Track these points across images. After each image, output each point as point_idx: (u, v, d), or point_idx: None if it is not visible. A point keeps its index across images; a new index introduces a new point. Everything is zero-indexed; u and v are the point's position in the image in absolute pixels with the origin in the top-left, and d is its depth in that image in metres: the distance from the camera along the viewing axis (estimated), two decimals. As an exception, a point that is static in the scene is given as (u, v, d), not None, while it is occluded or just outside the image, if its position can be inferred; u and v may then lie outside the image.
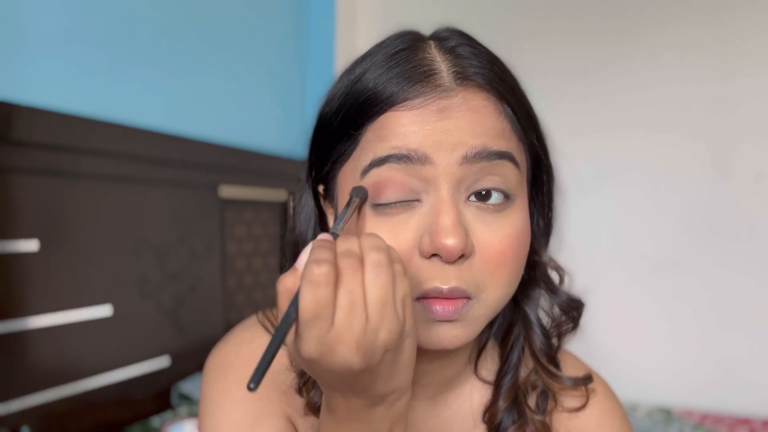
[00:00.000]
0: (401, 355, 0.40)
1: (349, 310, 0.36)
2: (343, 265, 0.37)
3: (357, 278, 0.37)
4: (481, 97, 0.48)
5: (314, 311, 0.36)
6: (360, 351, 0.36)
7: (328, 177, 0.54)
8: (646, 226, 1.88)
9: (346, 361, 0.37)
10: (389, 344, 0.37)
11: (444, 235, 0.44)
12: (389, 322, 0.37)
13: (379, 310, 0.37)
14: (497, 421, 0.57)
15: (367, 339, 0.37)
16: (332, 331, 0.36)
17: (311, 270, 0.36)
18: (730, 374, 1.78)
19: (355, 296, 0.37)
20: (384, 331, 0.37)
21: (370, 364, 0.37)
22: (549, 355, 0.58)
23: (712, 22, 1.79)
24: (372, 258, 0.38)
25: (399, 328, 0.38)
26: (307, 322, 0.36)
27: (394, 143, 0.47)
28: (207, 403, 0.56)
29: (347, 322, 0.36)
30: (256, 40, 1.89)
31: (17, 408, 1.08)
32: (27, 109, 1.10)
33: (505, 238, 0.48)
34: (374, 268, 0.37)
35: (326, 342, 0.37)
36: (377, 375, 0.39)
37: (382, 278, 0.37)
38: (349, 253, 0.38)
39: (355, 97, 0.49)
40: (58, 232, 1.17)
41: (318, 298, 0.36)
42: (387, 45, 0.51)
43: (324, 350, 0.37)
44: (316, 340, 0.37)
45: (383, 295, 0.37)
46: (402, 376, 0.41)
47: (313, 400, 0.55)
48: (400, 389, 0.41)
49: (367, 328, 0.37)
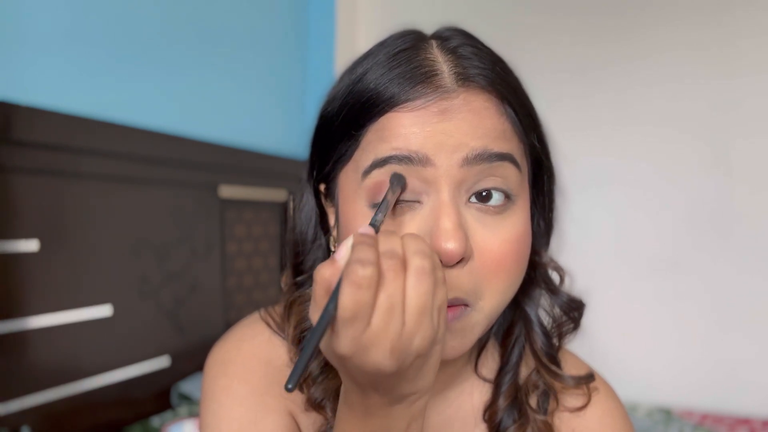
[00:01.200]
0: (430, 360, 0.40)
1: (388, 314, 0.36)
2: (385, 267, 0.36)
3: (399, 282, 0.36)
4: (483, 98, 0.48)
5: (354, 311, 0.35)
6: (394, 355, 0.36)
7: (329, 176, 0.54)
8: (646, 226, 1.88)
9: (378, 363, 0.37)
10: (422, 350, 0.37)
11: (444, 238, 0.44)
12: (425, 330, 0.37)
13: (417, 316, 0.36)
14: (497, 420, 0.57)
15: (401, 344, 0.36)
16: (368, 332, 0.36)
17: (355, 270, 0.35)
18: (730, 374, 1.78)
19: (394, 300, 0.36)
20: (419, 338, 0.37)
21: (401, 368, 0.37)
22: (550, 354, 0.58)
23: (712, 22, 1.79)
24: (416, 263, 0.37)
25: (433, 336, 0.38)
26: (345, 321, 0.36)
27: (395, 144, 0.46)
28: (208, 399, 0.56)
29: (384, 325, 0.36)
30: (256, 40, 1.89)
31: (17, 408, 1.08)
32: (27, 109, 1.10)
33: (505, 242, 0.47)
34: (418, 274, 0.37)
35: (361, 342, 0.36)
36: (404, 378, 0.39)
37: (425, 285, 0.37)
38: (392, 254, 0.37)
39: (356, 98, 0.49)
40: (58, 232, 1.16)
41: (359, 298, 0.35)
42: (389, 45, 0.51)
43: (357, 350, 0.37)
44: (351, 339, 0.36)
45: (423, 303, 0.37)
46: (426, 379, 0.41)
47: (313, 396, 0.55)
48: (422, 390, 0.41)
49: (403, 332, 0.36)
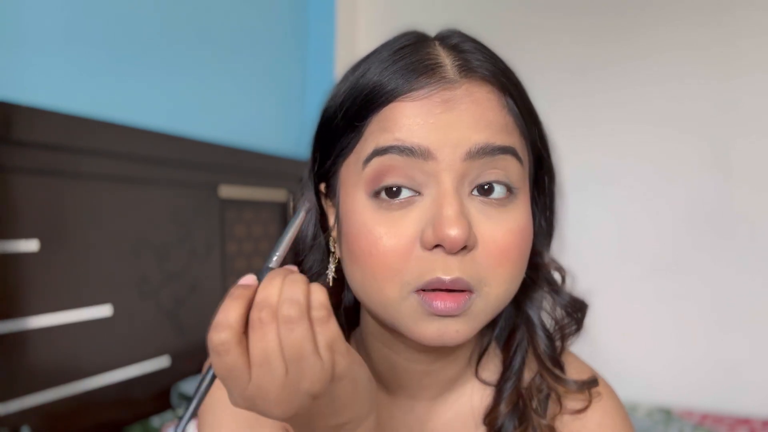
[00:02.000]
0: (338, 395, 0.39)
1: (264, 367, 0.36)
2: (254, 320, 0.37)
3: (271, 333, 0.36)
4: (485, 89, 0.48)
5: (225, 374, 0.37)
6: (280, 404, 0.37)
7: (330, 172, 0.54)
8: (646, 226, 1.88)
9: (268, 413, 0.38)
10: (315, 392, 0.37)
11: (447, 225, 0.44)
12: (311, 373, 0.36)
13: (296, 363, 0.36)
14: (498, 425, 0.56)
15: (286, 392, 0.37)
16: (250, 386, 0.37)
17: (211, 337, 0.36)
18: (730, 374, 1.78)
19: (268, 352, 0.36)
20: (306, 382, 0.37)
21: (296, 413, 0.38)
22: (553, 358, 0.57)
23: (712, 22, 1.79)
24: (283, 313, 0.36)
25: (325, 375, 0.37)
26: (224, 381, 0.37)
27: (397, 135, 0.47)
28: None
29: (262, 378, 0.36)
30: (256, 40, 1.89)
31: (17, 408, 1.08)
32: (27, 109, 1.10)
33: (509, 232, 0.47)
34: (285, 323, 0.36)
35: (246, 396, 0.37)
36: (315, 417, 0.39)
37: (295, 334, 0.36)
38: (263, 304, 0.37)
39: (359, 91, 0.49)
40: (58, 232, 1.16)
41: (223, 363, 0.36)
42: (391, 43, 0.51)
43: (248, 404, 0.38)
44: (238, 394, 0.38)
45: (298, 350, 0.36)
46: (349, 411, 0.40)
47: None
48: (353, 420, 0.41)
49: (286, 381, 0.36)
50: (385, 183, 0.47)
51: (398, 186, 0.47)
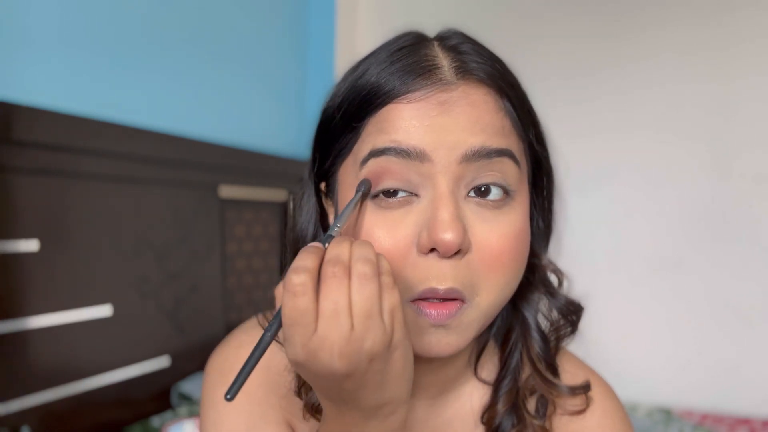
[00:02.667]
0: (391, 366, 0.40)
1: (332, 318, 0.37)
2: (327, 273, 0.38)
3: (342, 287, 0.37)
4: (482, 92, 0.48)
5: (294, 318, 0.37)
6: (343, 357, 0.37)
7: (330, 173, 0.54)
8: (646, 227, 1.88)
9: (328, 366, 0.38)
10: (375, 353, 0.38)
11: (442, 229, 0.44)
12: (375, 332, 0.38)
13: (363, 319, 0.37)
14: (496, 423, 0.56)
15: (350, 347, 0.37)
16: (315, 336, 0.37)
17: (289, 278, 0.37)
18: (730, 374, 1.78)
19: (339, 305, 0.37)
20: (369, 341, 0.38)
21: (354, 371, 0.38)
22: (547, 360, 0.57)
23: (712, 22, 1.79)
24: (358, 269, 0.38)
25: (386, 339, 0.38)
26: (289, 328, 0.38)
27: (394, 136, 0.47)
28: (207, 408, 0.56)
29: (329, 329, 0.37)
30: (256, 41, 1.89)
31: (17, 408, 1.08)
32: (27, 109, 1.10)
33: (504, 237, 0.47)
34: (359, 279, 0.38)
35: (310, 347, 0.37)
36: (365, 385, 0.39)
37: (367, 290, 0.38)
38: (336, 260, 0.38)
39: (357, 92, 0.49)
40: (58, 232, 1.17)
41: (296, 305, 0.37)
42: (390, 43, 0.51)
43: (308, 355, 0.38)
44: (300, 345, 0.38)
45: (368, 307, 0.37)
46: (394, 388, 0.41)
47: (311, 401, 0.55)
48: (393, 402, 0.41)
49: (351, 336, 0.37)
50: (381, 187, 0.47)
51: (395, 189, 0.47)
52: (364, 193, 0.47)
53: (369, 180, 0.47)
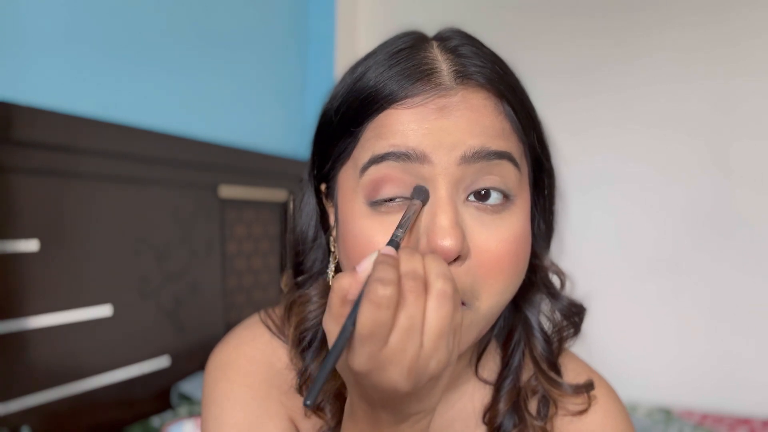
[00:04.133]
0: (440, 382, 0.40)
1: (407, 334, 0.36)
2: (407, 288, 0.37)
3: (420, 303, 0.37)
4: (481, 96, 0.48)
5: (371, 330, 0.36)
6: (411, 375, 0.37)
7: (329, 175, 0.54)
8: (646, 226, 1.88)
9: (395, 382, 0.37)
10: (436, 373, 0.38)
11: (441, 235, 0.44)
12: (441, 353, 0.37)
13: (435, 339, 0.37)
14: (497, 423, 0.56)
15: (419, 365, 0.37)
16: (386, 350, 0.36)
17: (375, 290, 0.36)
18: (730, 374, 1.78)
19: (414, 321, 0.36)
20: (435, 361, 0.37)
21: (415, 389, 0.38)
22: (550, 360, 0.57)
23: (714, 20, 1.79)
24: (438, 286, 0.37)
25: (448, 359, 0.38)
26: (362, 339, 0.36)
27: (392, 141, 0.46)
28: (209, 404, 0.56)
29: (402, 345, 0.36)
30: (256, 41, 1.89)
31: (17, 408, 1.08)
32: (27, 109, 1.10)
33: (503, 242, 0.47)
34: (439, 297, 0.37)
35: (378, 360, 0.36)
36: (417, 398, 0.39)
37: (445, 309, 0.37)
38: (414, 275, 0.37)
39: (355, 95, 0.49)
40: (58, 232, 1.16)
41: (378, 317, 0.36)
42: (389, 44, 0.51)
43: (374, 368, 0.37)
44: (368, 356, 0.37)
45: (442, 326, 0.37)
46: (433, 399, 0.41)
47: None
48: (428, 409, 0.41)
49: (420, 354, 0.36)
50: (381, 196, 0.47)
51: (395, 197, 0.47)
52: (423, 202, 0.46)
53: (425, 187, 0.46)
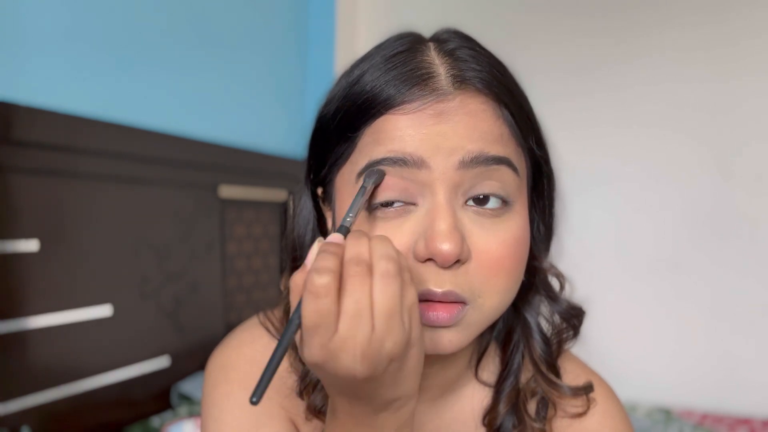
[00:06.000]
0: (406, 364, 0.39)
1: (354, 319, 0.36)
2: (350, 273, 0.37)
3: (365, 287, 0.37)
4: (479, 101, 0.47)
5: (315, 320, 0.36)
6: (365, 360, 0.36)
7: (326, 179, 0.53)
8: (646, 227, 1.88)
9: (350, 369, 0.37)
10: (395, 354, 0.37)
11: (439, 240, 0.44)
12: (395, 333, 0.37)
13: (386, 320, 0.37)
14: (497, 425, 0.56)
15: (372, 348, 0.36)
16: (336, 338, 0.36)
17: (312, 280, 0.36)
18: (730, 374, 1.78)
19: (361, 305, 0.36)
20: (390, 342, 0.37)
21: (374, 373, 0.37)
22: (549, 362, 0.57)
23: (712, 22, 1.79)
24: (381, 267, 0.37)
25: (405, 339, 0.38)
26: (309, 330, 0.36)
27: (390, 147, 0.46)
28: (209, 406, 0.56)
29: (352, 331, 0.36)
30: (256, 40, 1.89)
31: (17, 408, 1.08)
32: (27, 109, 1.10)
33: (503, 243, 0.47)
34: (383, 277, 0.37)
35: (330, 349, 0.37)
36: (381, 383, 0.39)
37: (391, 289, 0.37)
38: (358, 259, 0.37)
39: (352, 100, 0.48)
40: (58, 232, 1.16)
41: (318, 307, 0.36)
42: (386, 47, 0.50)
43: (328, 357, 0.37)
44: (319, 346, 0.37)
45: (391, 306, 0.37)
46: (407, 384, 0.41)
47: (314, 403, 0.54)
48: (405, 396, 0.41)
49: (372, 337, 0.36)
50: (378, 200, 0.47)
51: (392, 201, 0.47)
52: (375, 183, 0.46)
53: (381, 170, 0.46)
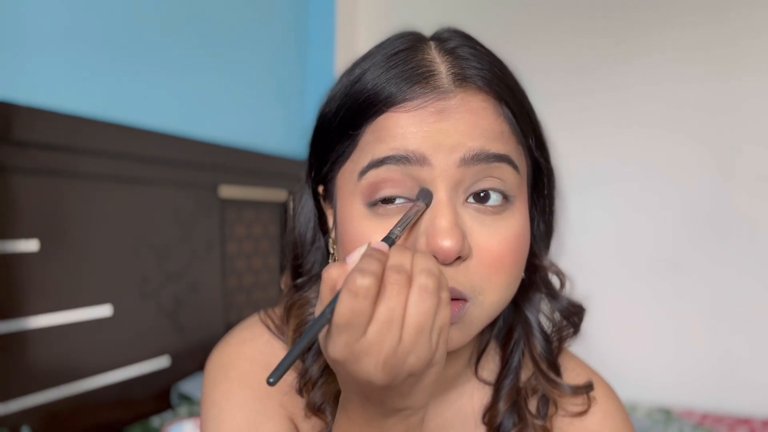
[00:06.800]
0: (424, 381, 0.40)
1: (385, 326, 0.36)
2: (390, 280, 0.37)
3: (401, 297, 0.37)
4: (480, 98, 0.48)
5: (348, 318, 0.36)
6: (386, 368, 0.37)
7: (327, 177, 0.53)
8: (646, 226, 1.88)
9: (369, 373, 0.37)
10: (415, 370, 0.37)
11: (441, 236, 0.44)
12: (421, 349, 0.37)
13: (414, 334, 0.36)
14: (497, 423, 0.56)
15: (395, 359, 0.36)
16: (363, 341, 0.36)
17: (354, 279, 0.36)
18: (730, 374, 1.78)
19: (394, 314, 0.36)
20: (413, 357, 0.37)
21: (392, 383, 0.37)
22: (549, 360, 0.57)
23: (712, 22, 1.79)
24: (421, 281, 0.37)
25: (428, 357, 0.38)
26: (339, 327, 0.36)
27: (392, 144, 0.46)
28: (209, 404, 0.56)
29: (380, 337, 0.36)
30: (256, 40, 1.89)
31: (17, 408, 1.08)
32: (27, 109, 1.10)
33: (504, 240, 0.47)
34: (421, 292, 0.37)
35: (355, 350, 0.37)
36: (396, 393, 0.39)
37: (426, 304, 0.37)
38: (399, 268, 0.37)
39: (354, 98, 0.49)
40: (58, 232, 1.16)
41: (354, 307, 0.36)
42: (387, 45, 0.51)
43: (350, 357, 0.37)
44: (344, 344, 0.37)
45: (422, 322, 0.37)
46: (420, 397, 0.41)
47: (313, 401, 0.54)
48: (416, 406, 0.41)
49: (398, 348, 0.36)
50: (380, 196, 0.47)
51: (394, 196, 0.47)
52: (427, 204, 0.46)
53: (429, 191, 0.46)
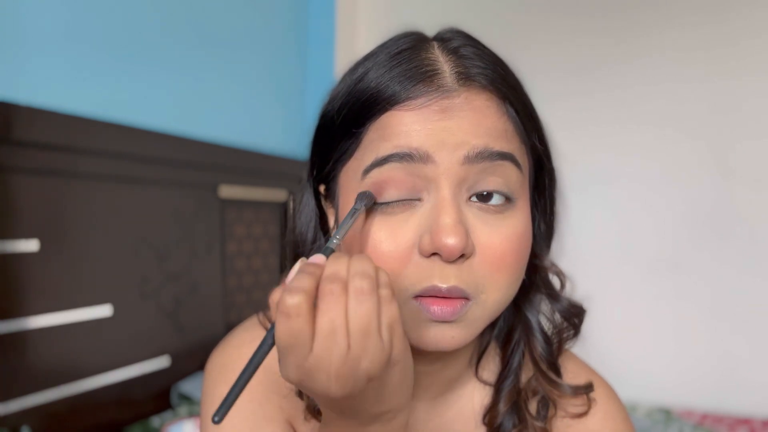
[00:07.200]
0: (388, 382, 0.39)
1: (328, 338, 0.36)
2: (325, 291, 0.37)
3: (339, 305, 0.36)
4: (484, 97, 0.48)
5: (288, 340, 0.36)
6: (340, 379, 0.36)
7: (330, 176, 0.53)
8: (646, 226, 1.88)
9: (325, 388, 0.37)
10: (372, 373, 0.37)
11: (444, 234, 0.44)
12: (372, 352, 0.36)
13: (361, 339, 0.36)
14: (497, 424, 0.56)
15: (347, 368, 0.36)
16: (311, 357, 0.36)
17: (283, 300, 0.36)
18: (730, 374, 1.78)
19: (336, 324, 0.36)
20: (366, 361, 0.36)
21: (351, 392, 0.37)
22: (549, 361, 0.57)
23: (712, 22, 1.79)
24: (355, 285, 0.37)
25: (384, 357, 0.37)
26: (283, 350, 0.36)
27: (396, 142, 0.46)
28: (208, 406, 0.56)
29: (326, 350, 0.36)
30: (256, 40, 1.89)
31: (17, 408, 1.08)
32: (27, 109, 1.10)
33: (506, 239, 0.47)
34: (357, 295, 0.36)
35: (305, 368, 0.36)
36: (364, 400, 0.39)
37: (365, 306, 0.36)
38: (333, 277, 0.37)
39: (357, 96, 0.49)
40: (58, 232, 1.16)
41: (290, 327, 0.36)
42: (390, 45, 0.51)
43: (303, 376, 0.37)
44: (294, 366, 0.37)
45: (365, 324, 0.36)
46: (395, 399, 0.40)
47: (313, 404, 0.54)
48: (394, 409, 0.41)
49: (348, 356, 0.36)
50: (384, 198, 0.47)
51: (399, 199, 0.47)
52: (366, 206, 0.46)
53: (371, 193, 0.46)
